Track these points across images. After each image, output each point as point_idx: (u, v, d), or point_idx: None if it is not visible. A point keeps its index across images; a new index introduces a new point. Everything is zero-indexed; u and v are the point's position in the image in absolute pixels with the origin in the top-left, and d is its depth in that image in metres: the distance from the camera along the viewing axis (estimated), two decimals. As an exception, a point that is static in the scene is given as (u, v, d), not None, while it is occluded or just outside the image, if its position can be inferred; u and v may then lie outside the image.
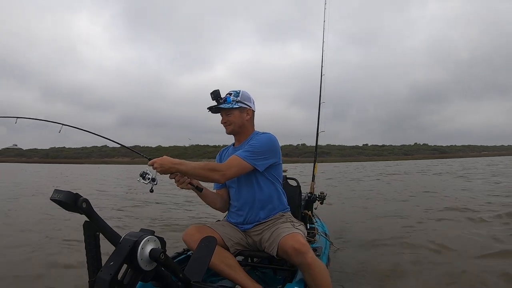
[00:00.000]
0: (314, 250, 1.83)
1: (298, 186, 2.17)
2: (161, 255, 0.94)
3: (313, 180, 3.09)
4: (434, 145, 76.66)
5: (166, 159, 1.46)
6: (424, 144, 78.00)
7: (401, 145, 76.32)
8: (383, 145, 75.96)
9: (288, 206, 1.80)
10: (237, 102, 1.68)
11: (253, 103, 1.77)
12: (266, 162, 1.62)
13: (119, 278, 0.90)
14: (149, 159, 1.50)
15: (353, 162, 40.47)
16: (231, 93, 1.70)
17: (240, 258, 1.77)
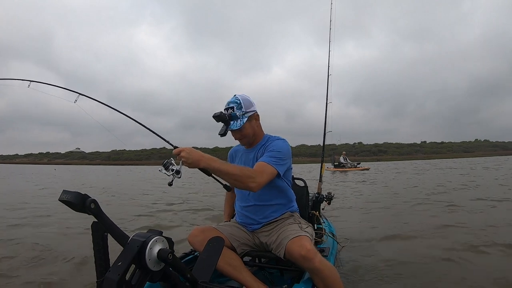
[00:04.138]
0: (322, 250, 1.82)
1: (306, 187, 2.16)
2: (169, 256, 0.94)
3: (320, 180, 3.06)
4: (496, 141, 69.63)
5: (194, 150, 1.28)
6: (485, 140, 71.11)
7: (460, 142, 70.81)
8: (442, 142, 70.72)
9: (298, 207, 1.79)
10: (244, 114, 1.59)
11: (254, 104, 1.68)
12: (285, 167, 1.60)
13: (127, 278, 0.90)
14: (175, 147, 1.35)
15: (407, 161, 38.17)
16: (233, 107, 1.58)
17: (247, 258, 1.77)
